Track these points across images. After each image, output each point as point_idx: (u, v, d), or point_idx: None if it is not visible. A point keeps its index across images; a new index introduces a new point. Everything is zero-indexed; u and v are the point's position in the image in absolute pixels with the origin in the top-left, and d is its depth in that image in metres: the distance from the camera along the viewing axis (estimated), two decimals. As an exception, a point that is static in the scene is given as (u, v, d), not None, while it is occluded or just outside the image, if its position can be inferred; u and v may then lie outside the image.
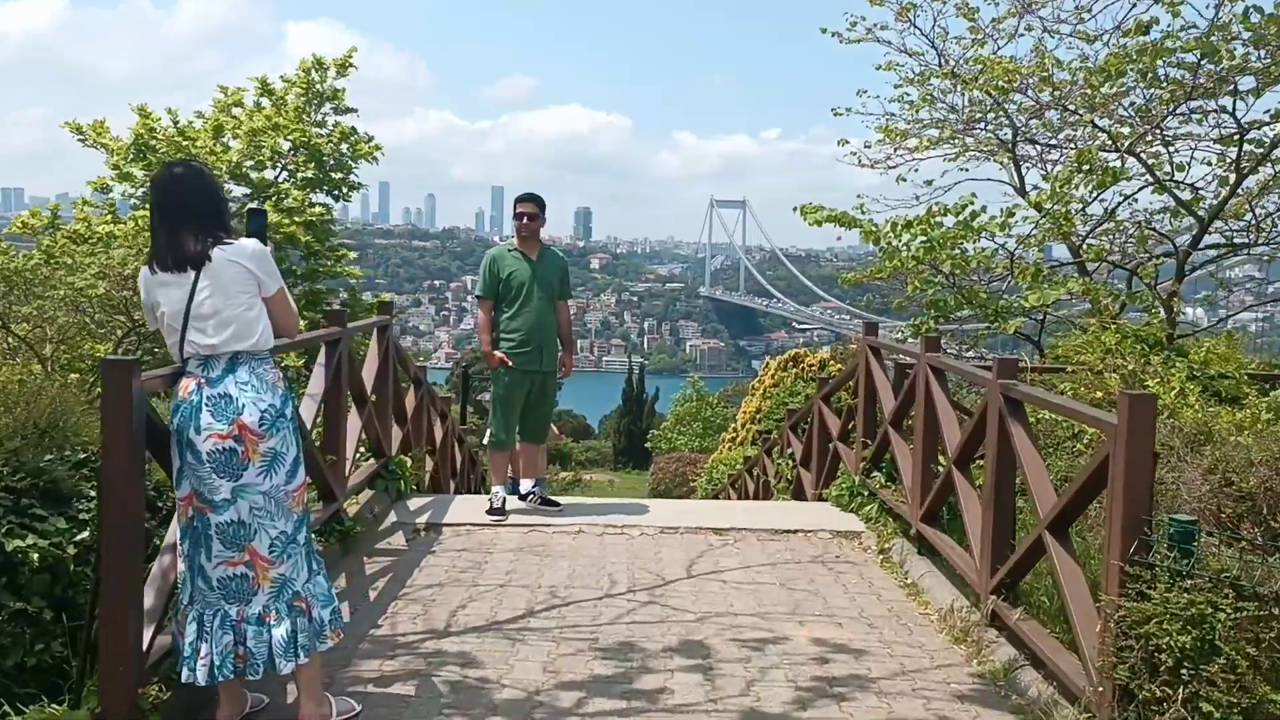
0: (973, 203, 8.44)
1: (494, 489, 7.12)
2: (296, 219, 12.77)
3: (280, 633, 3.54)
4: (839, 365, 18.69)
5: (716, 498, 15.04)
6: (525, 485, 7.31)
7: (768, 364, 19.75)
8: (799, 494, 9.46)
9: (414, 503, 7.32)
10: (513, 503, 7.23)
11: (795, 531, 6.92)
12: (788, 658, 4.62)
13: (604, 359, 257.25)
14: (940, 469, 6.12)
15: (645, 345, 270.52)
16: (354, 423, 6.64)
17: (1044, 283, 8.14)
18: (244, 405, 3.47)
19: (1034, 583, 4.88)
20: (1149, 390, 5.70)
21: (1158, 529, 3.45)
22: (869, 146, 11.10)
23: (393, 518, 6.90)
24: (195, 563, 3.53)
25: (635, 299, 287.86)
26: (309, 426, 5.52)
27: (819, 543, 6.75)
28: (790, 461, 9.96)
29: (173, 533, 3.72)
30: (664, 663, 4.51)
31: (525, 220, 7.06)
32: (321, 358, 5.90)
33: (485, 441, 7.20)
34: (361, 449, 7.33)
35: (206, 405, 3.45)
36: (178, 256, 3.47)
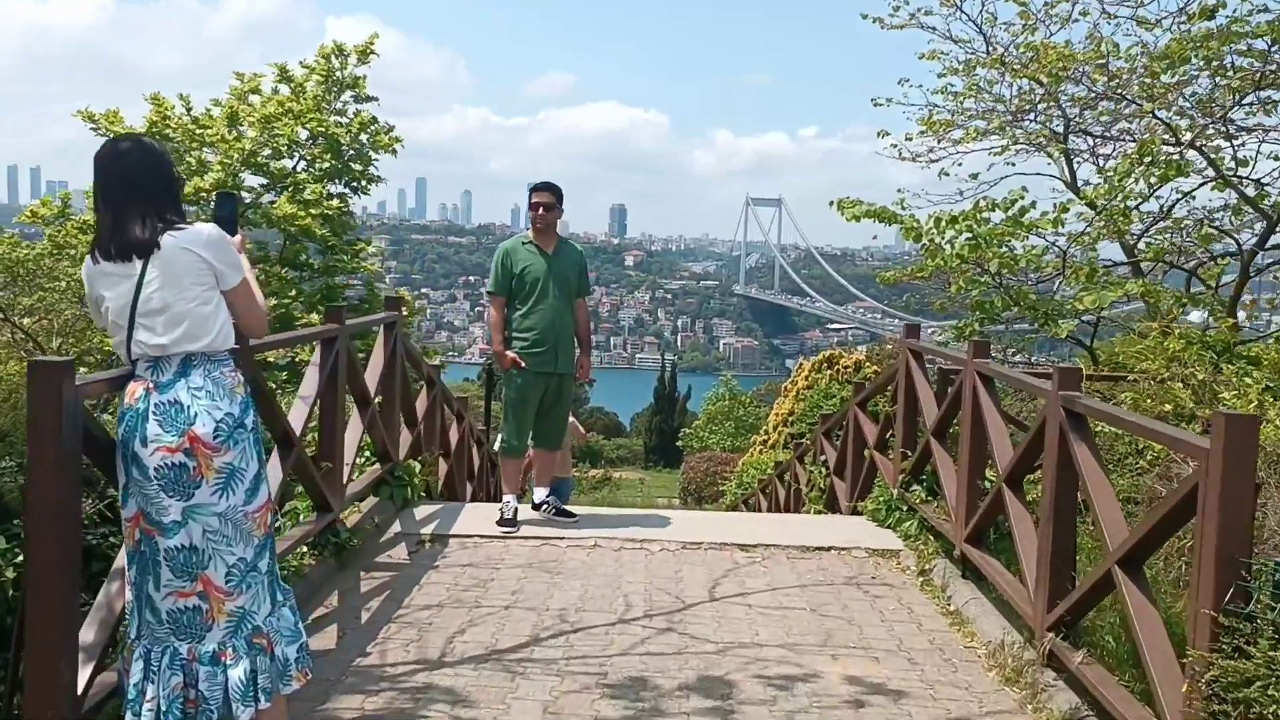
0: (1023, 197, 7.89)
1: (505, 498, 6.67)
2: (313, 211, 12.38)
3: (238, 674, 3.10)
4: (875, 367, 18.10)
5: (746, 503, 14.53)
6: (539, 494, 6.85)
7: (801, 365, 19.15)
8: (832, 504, 8.95)
9: (421, 511, 6.89)
10: (526, 512, 6.78)
11: (828, 549, 6.41)
12: (818, 700, 4.12)
13: (637, 356, 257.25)
14: (988, 485, 5.61)
15: (679, 343, 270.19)
16: (355, 426, 6.21)
17: (1100, 283, 7.57)
18: (196, 414, 3.03)
19: (1095, 618, 4.36)
20: (1226, 403, 5.15)
21: (1258, 574, 2.93)
22: (910, 139, 10.55)
23: (396, 528, 6.47)
24: (143, 592, 3.10)
25: (669, 296, 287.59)
26: (300, 431, 5.10)
27: (854, 562, 6.24)
28: (823, 469, 9.44)
29: (121, 557, 3.30)
30: (679, 704, 4.03)
31: (541, 211, 6.62)
32: (316, 357, 5.46)
33: (497, 447, 6.74)
34: (366, 454, 6.92)
35: (154, 414, 3.02)
36: (123, 243, 3.04)
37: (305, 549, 5.43)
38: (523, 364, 6.52)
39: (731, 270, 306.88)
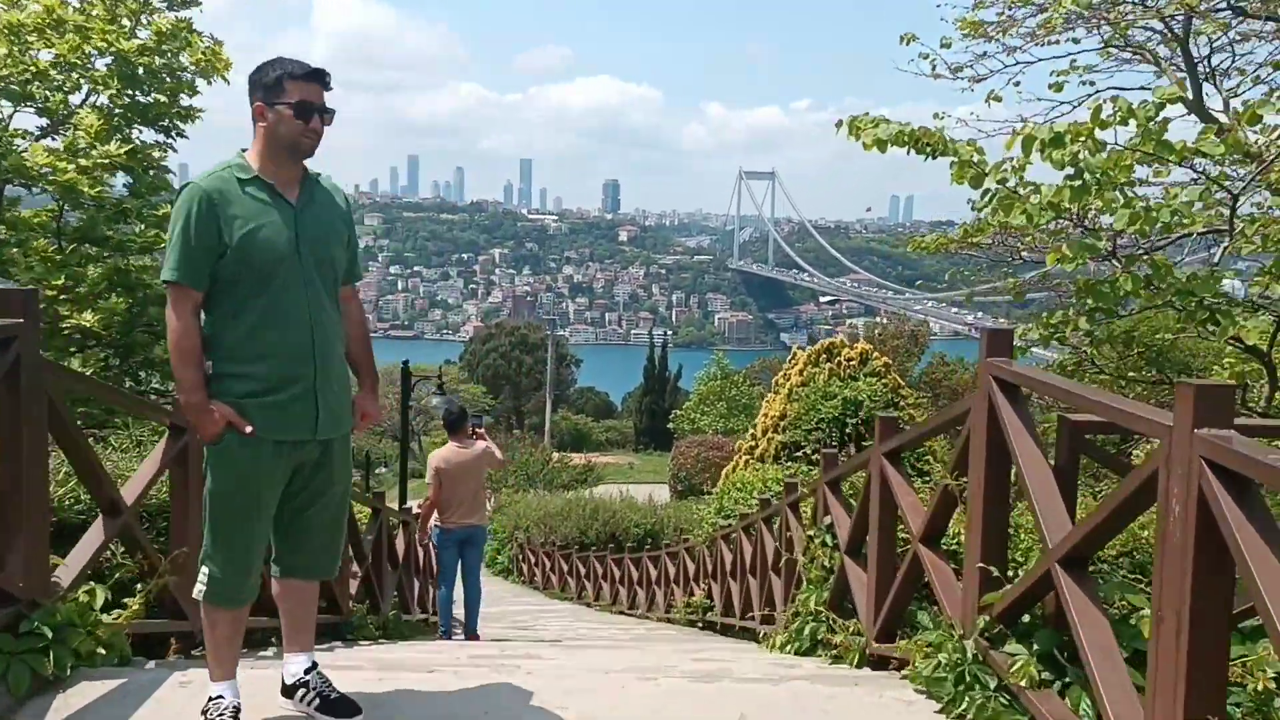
0: (1167, 102, 4.60)
1: (214, 689, 3.41)
2: (84, 161, 8.85)
3: None
4: (884, 357, 14.78)
5: (727, 540, 11.28)
6: (293, 668, 3.59)
7: (795, 356, 15.67)
8: (842, 600, 5.75)
9: (76, 698, 3.63)
10: (271, 705, 3.55)
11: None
12: None
13: (632, 332, 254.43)
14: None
15: (674, 318, 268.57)
16: None
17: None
18: None
19: None
20: None
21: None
22: (948, 46, 7.28)
23: (-21, 758, 3.22)
24: None
25: (663, 271, 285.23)
26: None
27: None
28: (829, 539, 6.20)
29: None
30: None
31: (316, 123, 3.32)
32: None
33: (196, 592, 3.45)
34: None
35: None
36: None
37: None
38: (248, 429, 3.25)
39: (725, 244, 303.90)
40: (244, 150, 3.35)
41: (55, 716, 3.48)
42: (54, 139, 9.47)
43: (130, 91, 9.50)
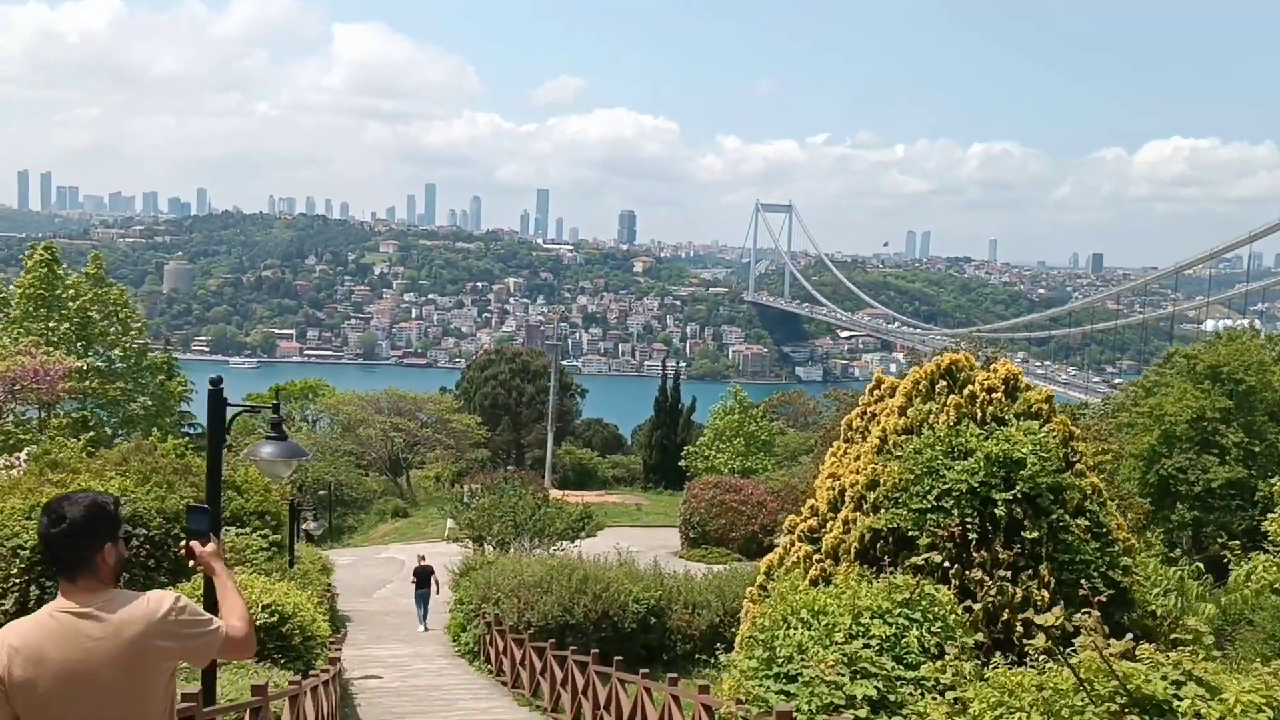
0: None
1: None
2: None
3: None
4: (1046, 391, 8.95)
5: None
6: None
7: (879, 381, 9.84)
8: None
9: None
10: None
11: None
12: None
13: (645, 363, 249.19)
14: None
15: (688, 350, 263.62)
16: None
17: None
18: None
19: None
20: None
21: None
22: None
23: None
24: None
25: (678, 303, 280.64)
26: None
27: None
28: None
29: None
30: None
31: None
32: None
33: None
34: None
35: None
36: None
37: None
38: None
39: (741, 277, 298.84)
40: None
41: None
42: None
43: None
